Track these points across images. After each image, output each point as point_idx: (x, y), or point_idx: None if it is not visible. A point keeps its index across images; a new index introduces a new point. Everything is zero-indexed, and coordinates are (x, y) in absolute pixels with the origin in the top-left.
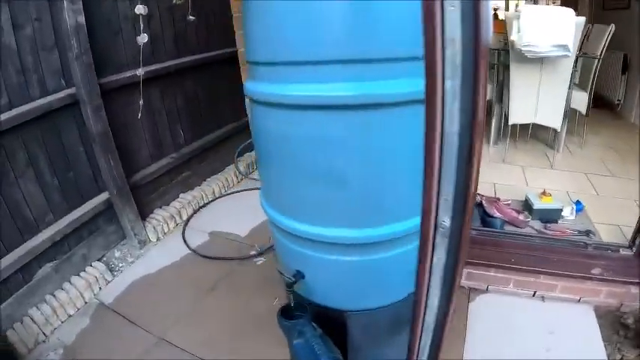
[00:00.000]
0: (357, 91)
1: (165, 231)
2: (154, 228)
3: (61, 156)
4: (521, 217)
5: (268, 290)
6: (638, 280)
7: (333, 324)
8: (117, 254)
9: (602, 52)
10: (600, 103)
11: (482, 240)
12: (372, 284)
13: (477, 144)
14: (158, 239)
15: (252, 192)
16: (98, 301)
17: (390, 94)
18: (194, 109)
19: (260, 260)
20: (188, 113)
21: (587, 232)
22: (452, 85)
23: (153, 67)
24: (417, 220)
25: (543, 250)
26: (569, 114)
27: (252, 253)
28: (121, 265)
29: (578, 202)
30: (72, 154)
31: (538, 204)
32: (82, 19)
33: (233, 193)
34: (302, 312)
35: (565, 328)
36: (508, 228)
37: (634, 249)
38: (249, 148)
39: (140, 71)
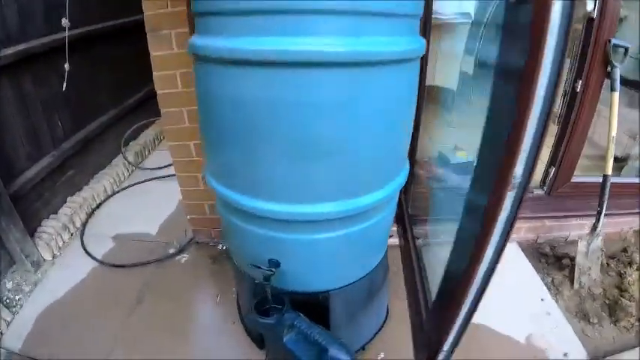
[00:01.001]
0: (351, 47)
1: (61, 245)
2: (47, 244)
3: None
4: (441, 172)
5: (204, 288)
6: (550, 215)
7: (311, 309)
8: (9, 285)
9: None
10: None
11: (417, 196)
12: (354, 257)
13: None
14: (54, 257)
15: (148, 184)
16: (5, 350)
17: (386, 52)
18: (71, 94)
19: (184, 257)
20: (65, 100)
21: None
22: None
23: (22, 47)
24: (396, 184)
25: None
26: None
27: (172, 251)
28: (17, 297)
29: None
30: None
31: (454, 159)
32: None
33: (127, 187)
34: (279, 305)
35: (500, 263)
36: None
37: (545, 188)
38: (136, 135)
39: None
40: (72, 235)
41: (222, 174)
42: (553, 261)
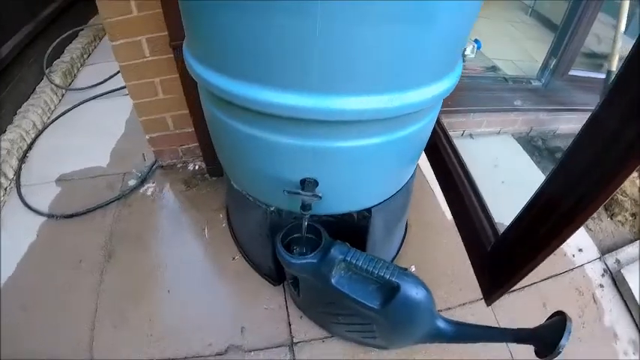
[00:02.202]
0: None
1: None
2: None
3: None
4: None
5: (185, 222)
6: (544, 107)
7: (341, 232)
8: None
9: None
10: None
11: None
12: (400, 166)
13: None
14: None
15: (85, 106)
16: None
17: None
18: None
19: (149, 188)
20: None
21: (493, 68)
22: None
23: None
24: (454, 77)
25: (473, 89)
26: None
27: (133, 183)
28: None
29: (477, 40)
30: None
31: None
32: None
33: (60, 116)
34: (314, 236)
35: (501, 153)
36: None
37: (542, 80)
38: (58, 52)
39: None
40: (6, 190)
41: (221, 50)
42: (546, 154)
